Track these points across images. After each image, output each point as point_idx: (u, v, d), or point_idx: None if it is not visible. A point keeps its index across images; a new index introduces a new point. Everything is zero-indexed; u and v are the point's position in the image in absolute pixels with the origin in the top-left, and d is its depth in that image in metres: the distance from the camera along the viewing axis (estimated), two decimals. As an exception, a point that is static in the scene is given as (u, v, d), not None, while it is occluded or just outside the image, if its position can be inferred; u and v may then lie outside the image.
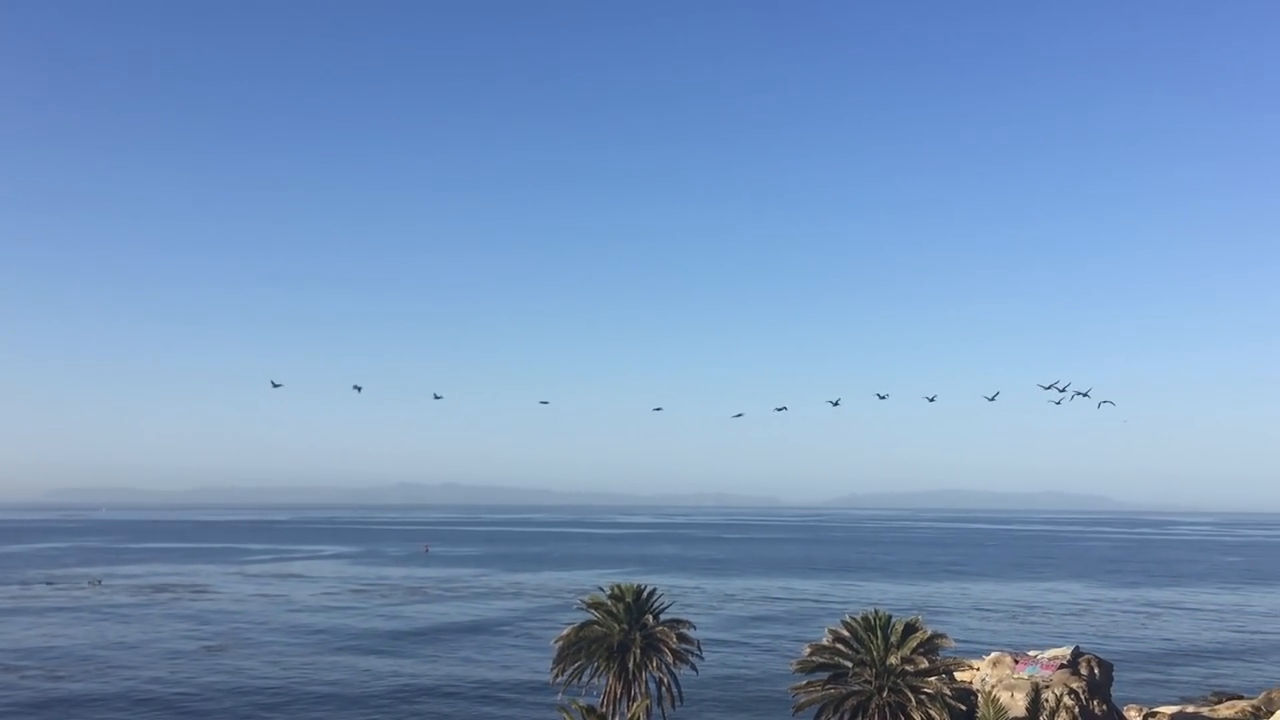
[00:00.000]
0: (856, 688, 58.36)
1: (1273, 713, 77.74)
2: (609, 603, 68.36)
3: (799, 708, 59.77)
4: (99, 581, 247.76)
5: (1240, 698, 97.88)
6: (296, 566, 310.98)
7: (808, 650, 62.60)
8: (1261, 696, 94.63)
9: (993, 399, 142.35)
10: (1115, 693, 74.00)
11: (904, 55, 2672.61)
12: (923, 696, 56.26)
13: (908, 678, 57.23)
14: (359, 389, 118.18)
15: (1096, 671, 69.90)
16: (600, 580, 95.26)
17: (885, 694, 57.38)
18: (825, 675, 60.54)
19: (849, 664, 59.66)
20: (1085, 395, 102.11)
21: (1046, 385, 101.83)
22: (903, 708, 57.19)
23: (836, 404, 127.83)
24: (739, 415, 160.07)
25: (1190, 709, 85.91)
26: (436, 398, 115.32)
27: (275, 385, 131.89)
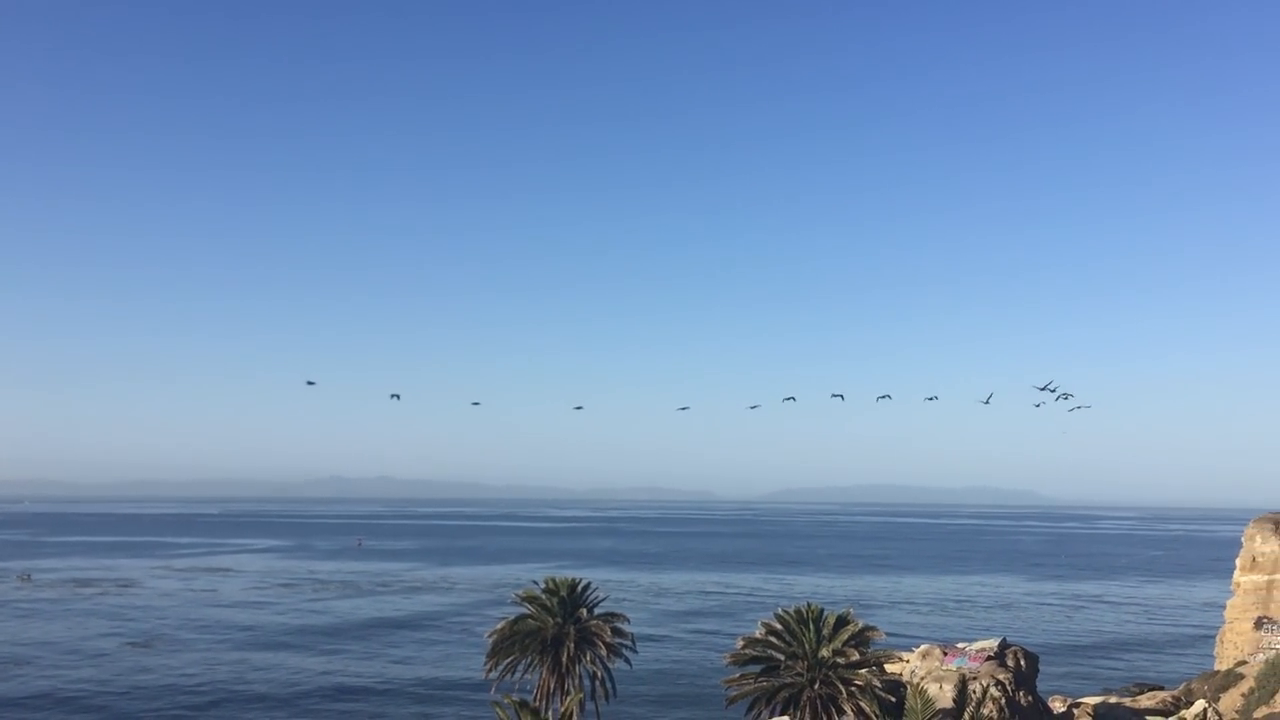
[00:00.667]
0: (788, 680, 58.74)
1: (1192, 703, 79.71)
2: (543, 597, 68.14)
3: (731, 700, 60.04)
4: (29, 577, 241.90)
5: (1161, 688, 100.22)
6: (225, 561, 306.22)
7: (740, 643, 62.90)
8: (1181, 687, 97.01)
9: (932, 399, 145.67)
10: (1040, 684, 75.34)
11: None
12: (853, 689, 56.80)
13: (839, 670, 57.74)
14: (397, 397, 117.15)
15: (1023, 663, 71.10)
16: (534, 574, 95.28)
17: (817, 686, 57.85)
18: (758, 668, 60.85)
19: (781, 657, 60.03)
20: (1067, 397, 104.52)
21: (1041, 386, 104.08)
22: (834, 700, 57.71)
23: (755, 407, 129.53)
24: (684, 408, 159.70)
25: (1113, 700, 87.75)
26: (394, 397, 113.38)
27: (310, 383, 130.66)
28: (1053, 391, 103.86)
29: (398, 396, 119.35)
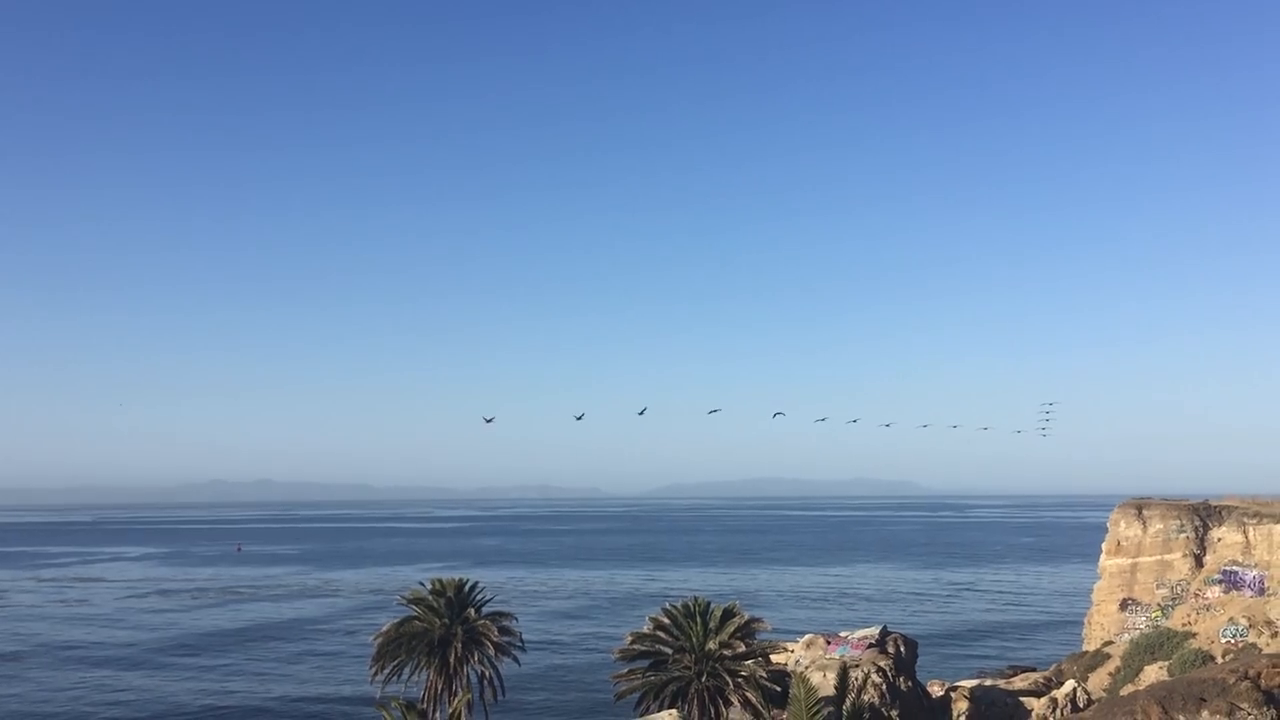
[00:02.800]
0: (676, 674, 59.35)
1: (1063, 683, 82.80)
2: (429, 598, 67.51)
3: (620, 695, 60.40)
4: None
5: (1033, 670, 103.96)
6: (98, 570, 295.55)
7: (629, 638, 63.30)
8: (1052, 668, 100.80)
9: (775, 416, 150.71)
10: (919, 669, 77.47)
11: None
12: (740, 680, 57.67)
13: (726, 662, 58.55)
14: (490, 420, 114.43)
15: (902, 649, 73.00)
16: (421, 575, 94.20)
17: (704, 678, 58.57)
18: (646, 663, 61.32)
19: (669, 651, 60.60)
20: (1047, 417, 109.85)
21: (1045, 410, 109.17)
22: (721, 691, 58.51)
23: (643, 413, 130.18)
24: (579, 417, 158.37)
25: (988, 682, 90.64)
26: (488, 420, 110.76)
27: (488, 420, 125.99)
28: (1047, 417, 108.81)
29: (491, 420, 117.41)
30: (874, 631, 74.71)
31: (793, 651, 76.54)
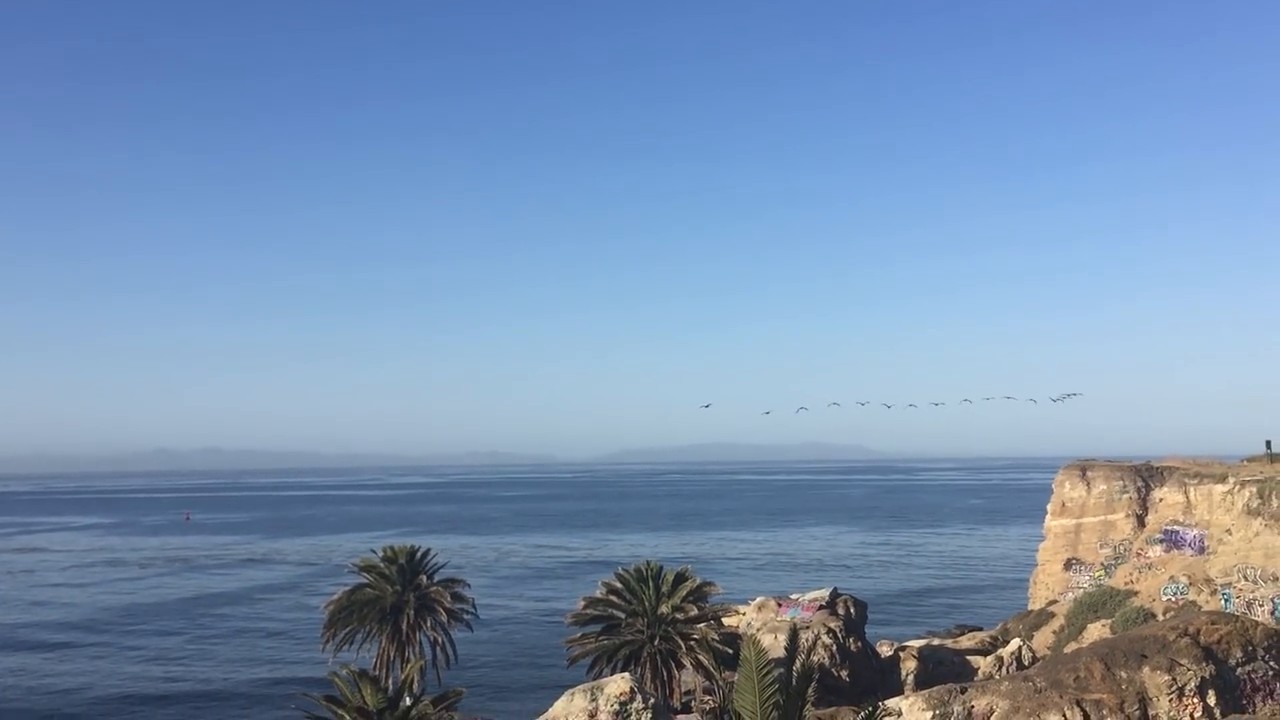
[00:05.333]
0: (629, 637, 59.74)
1: (1008, 641, 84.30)
2: (381, 565, 67.35)
3: (574, 660, 60.73)
4: None
5: (980, 629, 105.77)
6: (42, 540, 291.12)
7: (581, 603, 63.60)
8: (998, 627, 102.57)
9: (707, 406, 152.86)
10: (869, 630, 78.58)
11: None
12: (692, 643, 58.17)
13: (678, 625, 59.01)
14: (707, 407, 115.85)
15: (852, 611, 73.93)
16: (372, 543, 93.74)
17: (657, 642, 59.01)
18: (599, 627, 61.68)
19: (622, 615, 60.97)
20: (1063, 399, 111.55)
21: (1061, 396, 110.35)
22: (673, 654, 59.00)
23: (708, 407, 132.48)
24: (707, 405, 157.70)
25: (936, 642, 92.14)
26: (706, 406, 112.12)
27: (705, 406, 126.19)
28: (1065, 397, 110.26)
29: (709, 405, 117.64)
30: (824, 594, 75.55)
31: (744, 614, 77.25)
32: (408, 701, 50.07)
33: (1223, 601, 78.21)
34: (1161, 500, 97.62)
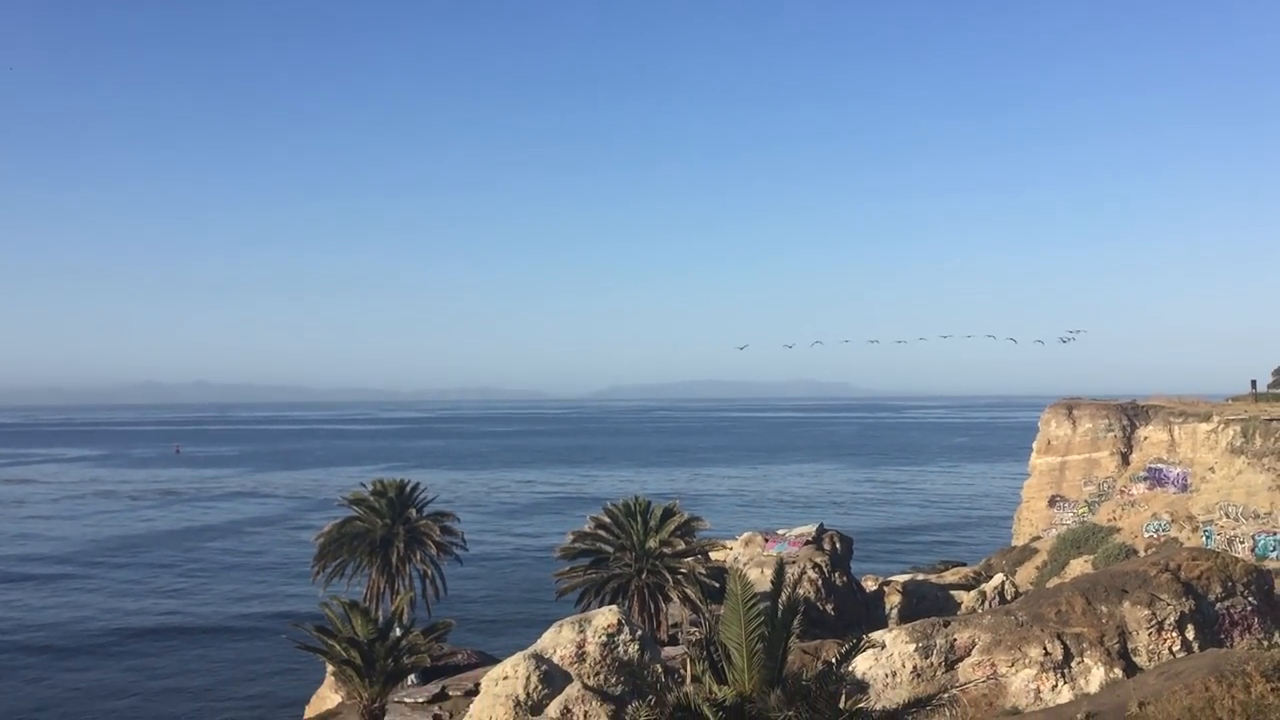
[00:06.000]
0: (617, 571, 60.30)
1: (991, 577, 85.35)
2: (371, 498, 67.64)
3: (562, 593, 61.29)
4: None
5: (964, 565, 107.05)
6: (32, 471, 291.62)
7: (570, 537, 64.07)
8: (982, 562, 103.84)
9: (742, 348, 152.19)
10: (854, 565, 79.35)
11: None
12: (679, 576, 58.76)
13: (666, 559, 59.56)
14: (743, 348, 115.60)
15: (838, 546, 74.62)
16: (361, 477, 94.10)
17: (645, 575, 59.58)
18: (588, 560, 62.20)
19: (610, 549, 61.47)
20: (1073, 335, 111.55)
21: (1067, 336, 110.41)
22: (661, 588, 59.61)
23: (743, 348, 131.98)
24: (742, 347, 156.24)
25: (920, 576, 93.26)
26: (741, 348, 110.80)
27: (740, 348, 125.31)
28: (1071, 336, 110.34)
29: (744, 347, 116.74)
30: (810, 529, 76.17)
31: (731, 549, 77.98)
32: (398, 632, 50.62)
33: (1204, 538, 79.21)
34: (1146, 439, 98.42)
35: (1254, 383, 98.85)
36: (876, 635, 42.14)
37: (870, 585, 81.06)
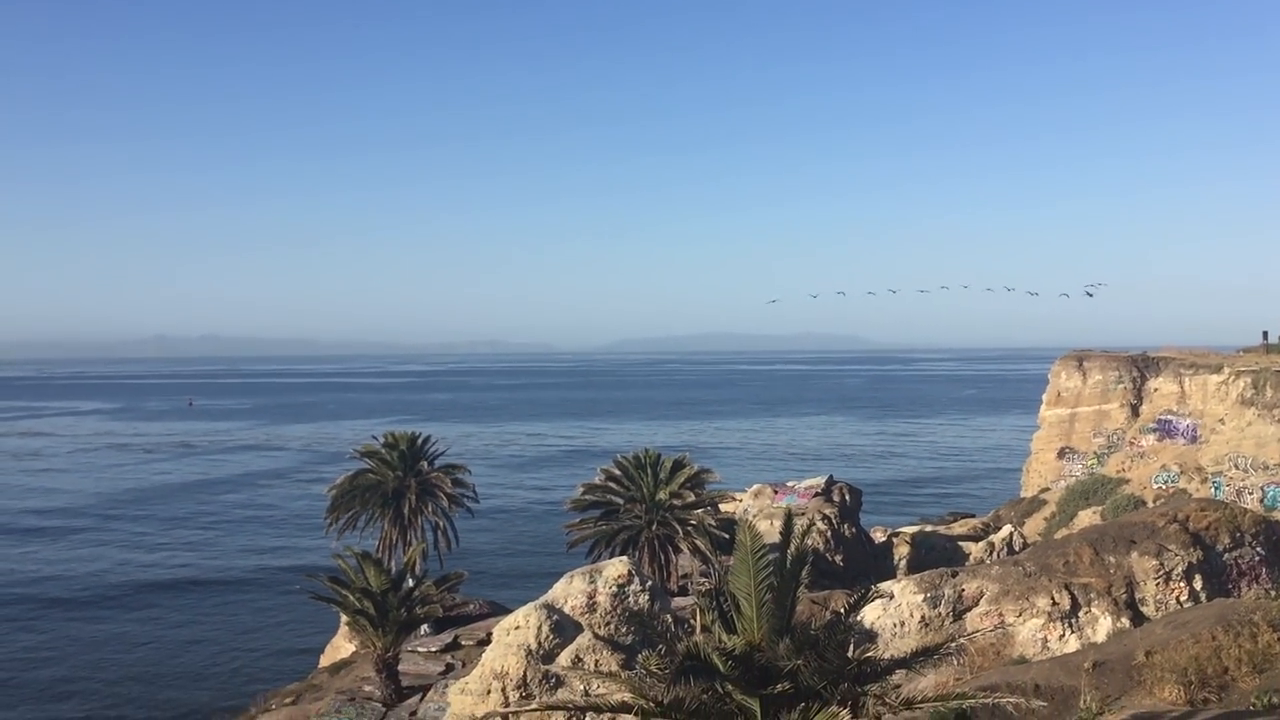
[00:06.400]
0: (628, 523, 60.72)
1: (1000, 528, 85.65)
2: (382, 451, 68.04)
3: (572, 544, 61.81)
4: None
5: (972, 516, 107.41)
6: (47, 424, 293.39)
7: (581, 489, 64.45)
8: (990, 514, 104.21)
9: (773, 302, 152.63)
10: (863, 517, 79.76)
11: None
12: (689, 528, 59.14)
13: (676, 511, 59.92)
14: (774, 302, 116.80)
15: (847, 498, 74.99)
16: (373, 429, 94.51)
17: (655, 527, 60.00)
18: (598, 512, 62.63)
19: (620, 501, 61.85)
20: (1095, 288, 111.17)
21: (1089, 291, 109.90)
22: (671, 539, 60.05)
23: (774, 302, 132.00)
24: (773, 301, 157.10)
25: (928, 528, 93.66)
26: (772, 301, 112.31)
27: (772, 301, 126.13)
28: (1095, 289, 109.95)
29: (774, 301, 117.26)
30: (820, 481, 76.50)
31: (741, 501, 78.36)
32: (410, 583, 51.21)
33: (1213, 489, 79.30)
34: (1156, 390, 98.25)
35: (1265, 334, 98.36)
36: (885, 586, 42.42)
37: (879, 536, 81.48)
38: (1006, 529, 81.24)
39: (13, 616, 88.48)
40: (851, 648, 18.82)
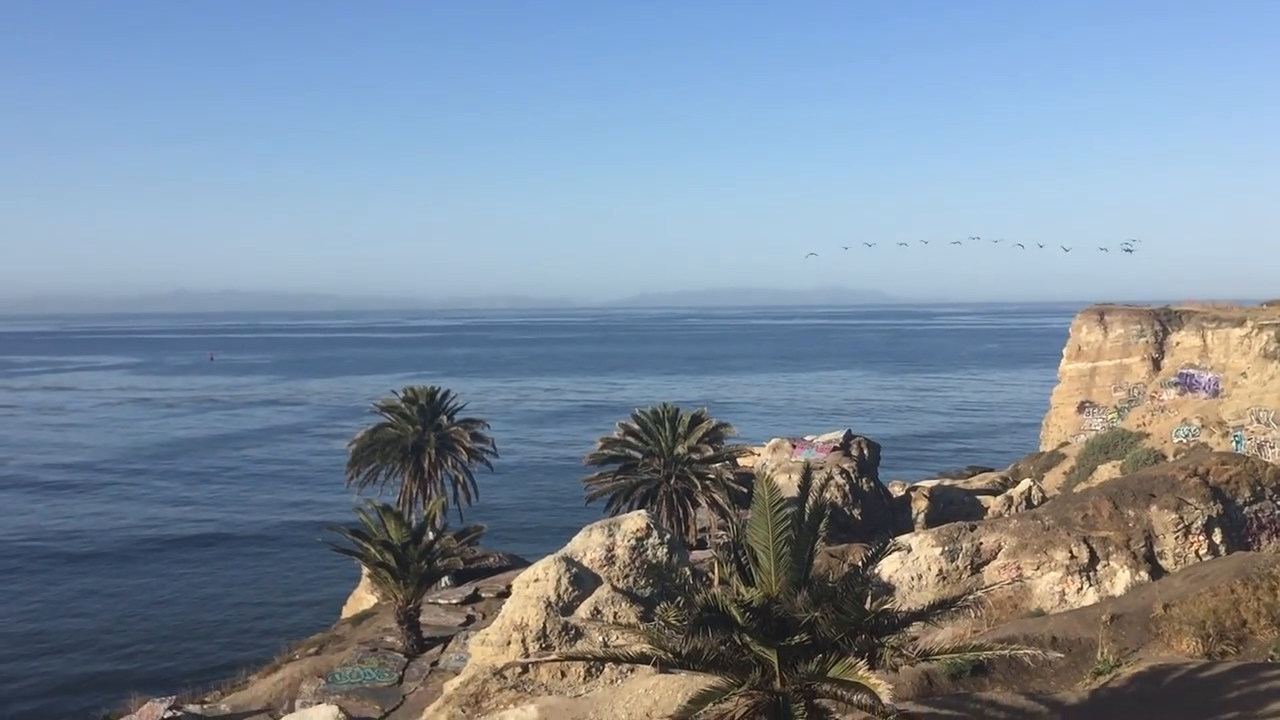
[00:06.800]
0: (646, 476, 60.90)
1: (1019, 482, 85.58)
2: (402, 405, 68.36)
3: (591, 498, 62.06)
4: None
5: (991, 470, 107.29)
6: (70, 379, 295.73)
7: (599, 443, 64.62)
8: (1009, 468, 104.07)
9: (811, 255, 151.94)
10: (881, 471, 79.71)
11: None
12: (708, 482, 59.29)
13: (694, 465, 60.06)
14: (812, 255, 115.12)
15: (865, 452, 74.92)
16: (392, 384, 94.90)
17: (673, 481, 60.17)
18: (616, 466, 62.81)
19: (639, 455, 62.00)
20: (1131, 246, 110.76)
21: (1127, 247, 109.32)
22: (689, 493, 60.24)
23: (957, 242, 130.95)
24: (845, 248, 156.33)
25: (947, 482, 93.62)
26: (1127, 249, 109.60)
27: (810, 255, 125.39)
28: (1132, 245, 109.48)
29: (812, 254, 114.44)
30: (838, 435, 76.41)
31: (759, 455, 78.40)
32: (430, 536, 51.61)
33: (1234, 443, 79.00)
34: (1178, 344, 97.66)
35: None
36: (903, 539, 42.46)
37: (897, 490, 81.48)
38: (1025, 483, 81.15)
39: (38, 570, 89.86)
40: (869, 600, 18.87)
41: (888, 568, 40.10)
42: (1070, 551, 39.77)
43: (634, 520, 44.80)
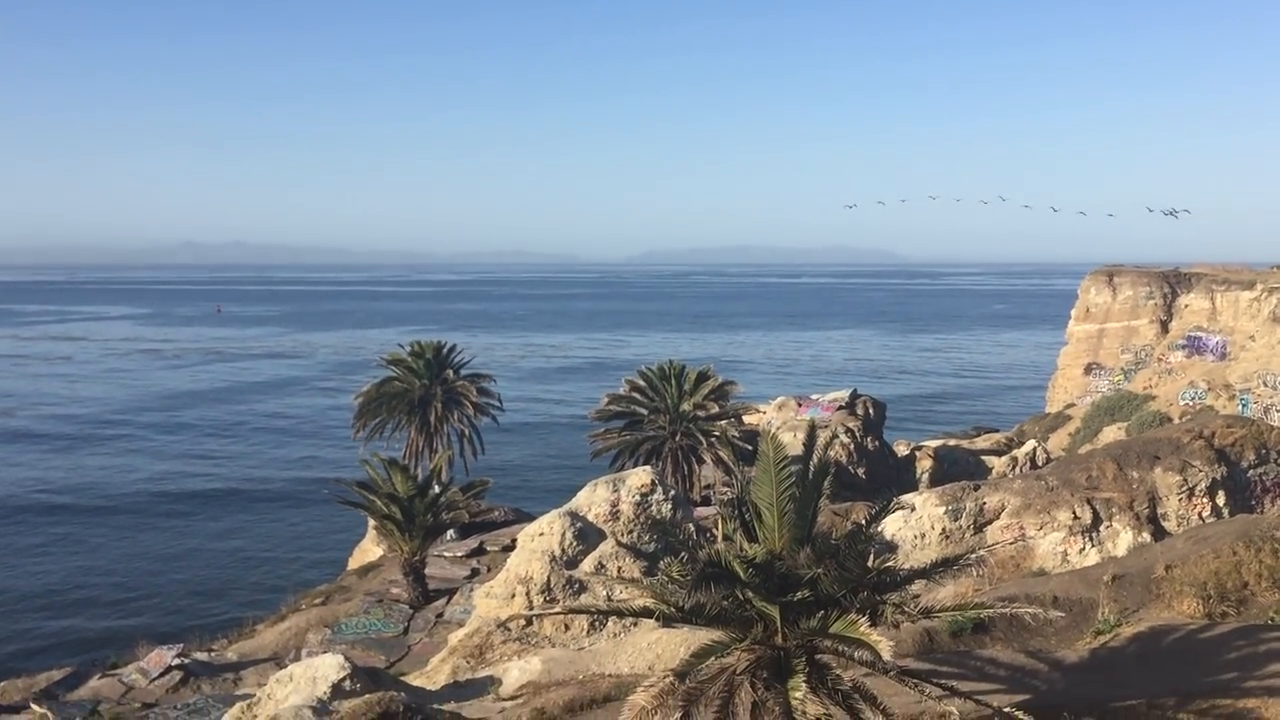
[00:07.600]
0: (651, 433, 61.05)
1: (1024, 443, 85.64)
2: (409, 359, 68.43)
3: (597, 454, 62.24)
4: None
5: (996, 431, 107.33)
6: (78, 329, 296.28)
7: (605, 400, 64.71)
8: (1014, 429, 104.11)
9: (851, 207, 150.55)
10: (887, 430, 79.74)
11: None
12: (713, 439, 59.43)
13: (699, 422, 60.17)
14: (852, 207, 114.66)
15: (871, 412, 74.91)
16: (399, 338, 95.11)
17: (679, 438, 60.31)
18: (622, 423, 62.94)
19: (645, 412, 62.10)
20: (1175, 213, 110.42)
21: (1171, 211, 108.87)
22: (694, 450, 60.39)
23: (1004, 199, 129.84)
24: (851, 206, 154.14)
25: (952, 442, 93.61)
26: (1172, 213, 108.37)
27: (850, 206, 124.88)
28: (1174, 213, 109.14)
29: (853, 206, 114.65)
30: (844, 394, 76.38)
31: (765, 413, 78.46)
32: (436, 489, 51.87)
33: (1240, 406, 78.87)
34: (1187, 306, 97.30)
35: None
36: (907, 498, 42.63)
37: (902, 450, 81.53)
38: (1030, 444, 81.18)
39: (44, 524, 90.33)
40: (872, 558, 18.94)
41: (891, 526, 40.27)
42: (1074, 512, 39.87)
43: (639, 476, 45.00)
